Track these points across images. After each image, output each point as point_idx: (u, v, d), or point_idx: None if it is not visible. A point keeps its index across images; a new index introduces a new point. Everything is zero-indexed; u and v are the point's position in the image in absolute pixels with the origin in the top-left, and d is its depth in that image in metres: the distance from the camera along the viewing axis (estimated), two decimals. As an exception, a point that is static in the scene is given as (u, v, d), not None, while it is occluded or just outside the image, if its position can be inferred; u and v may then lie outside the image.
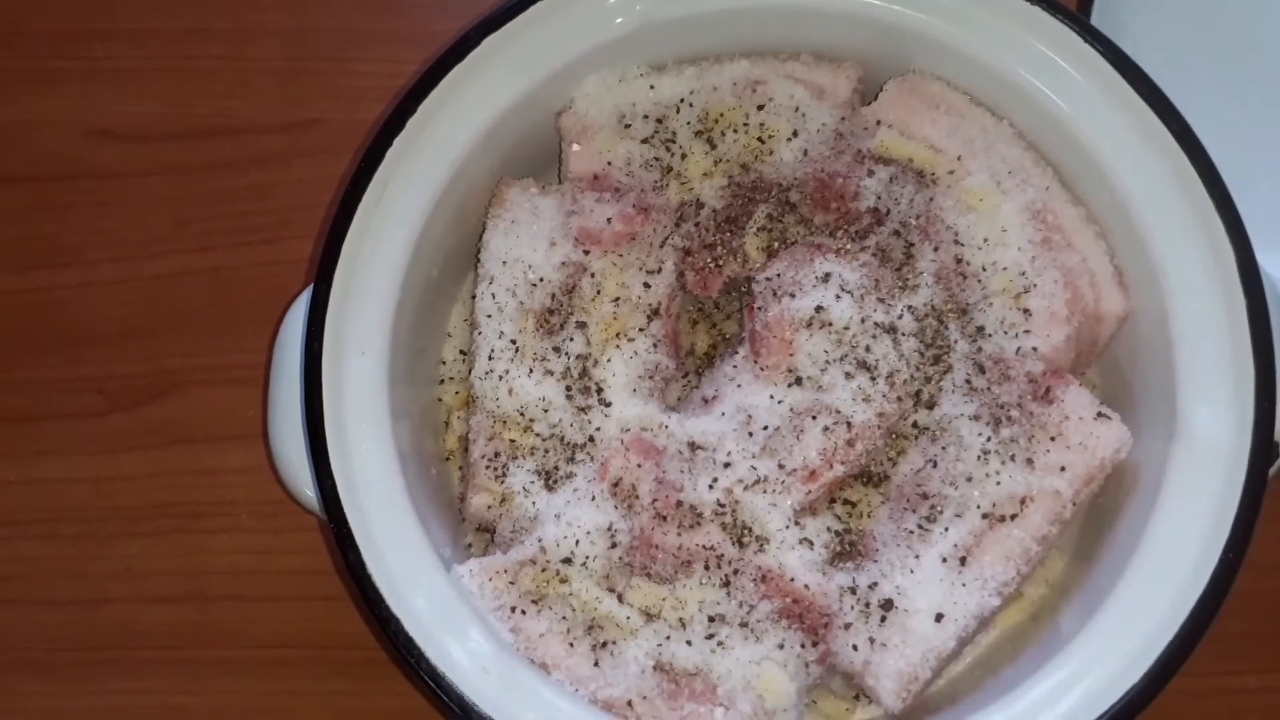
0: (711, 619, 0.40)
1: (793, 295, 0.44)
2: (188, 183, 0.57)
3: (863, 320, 0.43)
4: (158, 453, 0.53)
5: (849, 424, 0.42)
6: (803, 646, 0.40)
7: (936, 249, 0.45)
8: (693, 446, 0.43)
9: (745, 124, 0.47)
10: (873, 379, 0.43)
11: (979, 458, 0.42)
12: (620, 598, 0.41)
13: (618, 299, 0.45)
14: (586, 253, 0.45)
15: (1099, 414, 0.42)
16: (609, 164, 0.46)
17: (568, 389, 0.44)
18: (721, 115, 0.47)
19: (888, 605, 0.41)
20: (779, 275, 0.45)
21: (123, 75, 0.58)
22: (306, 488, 0.42)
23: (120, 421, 0.53)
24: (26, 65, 0.59)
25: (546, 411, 0.44)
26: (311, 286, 0.42)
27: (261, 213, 0.56)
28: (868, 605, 0.41)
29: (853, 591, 0.41)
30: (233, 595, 0.51)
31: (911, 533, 0.42)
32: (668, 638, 0.40)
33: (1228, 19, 0.55)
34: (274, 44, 0.58)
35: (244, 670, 0.51)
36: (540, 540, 0.41)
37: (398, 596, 0.39)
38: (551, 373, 0.44)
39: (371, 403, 0.42)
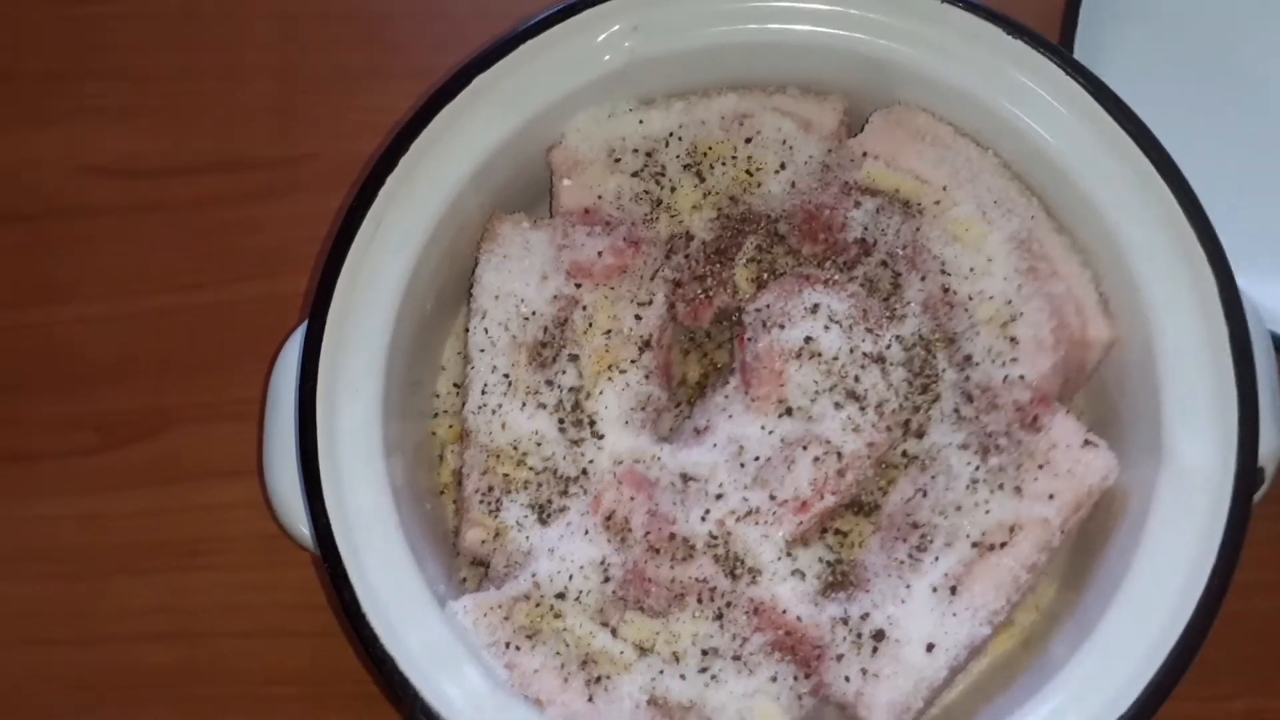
0: (705, 652, 0.41)
1: (782, 326, 0.44)
2: (181, 219, 0.57)
3: (851, 350, 0.44)
4: (152, 490, 0.53)
5: (839, 454, 0.43)
6: (795, 679, 0.40)
7: (923, 279, 0.45)
8: (685, 478, 0.43)
9: (733, 157, 0.47)
10: (862, 409, 0.43)
11: (968, 486, 0.42)
12: (614, 632, 0.41)
13: (609, 331, 0.45)
14: (578, 286, 0.46)
15: (1086, 441, 0.43)
16: (599, 198, 0.47)
17: (560, 422, 0.44)
18: (710, 149, 0.47)
19: (879, 636, 0.41)
20: (768, 306, 0.45)
21: (115, 113, 0.58)
22: (301, 524, 0.43)
23: (115, 459, 0.53)
24: (18, 104, 0.59)
25: (539, 445, 0.44)
26: (305, 323, 0.42)
27: (255, 248, 0.56)
28: (859, 636, 0.41)
29: (845, 622, 0.41)
30: (228, 632, 0.51)
31: (902, 562, 0.42)
32: (661, 672, 0.40)
33: (1209, 48, 0.56)
34: (266, 80, 0.59)
35: (240, 707, 0.50)
36: (534, 575, 0.42)
37: (393, 635, 0.39)
38: (544, 406, 0.44)
39: (365, 439, 0.42)
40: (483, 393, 0.45)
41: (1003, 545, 0.42)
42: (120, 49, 0.60)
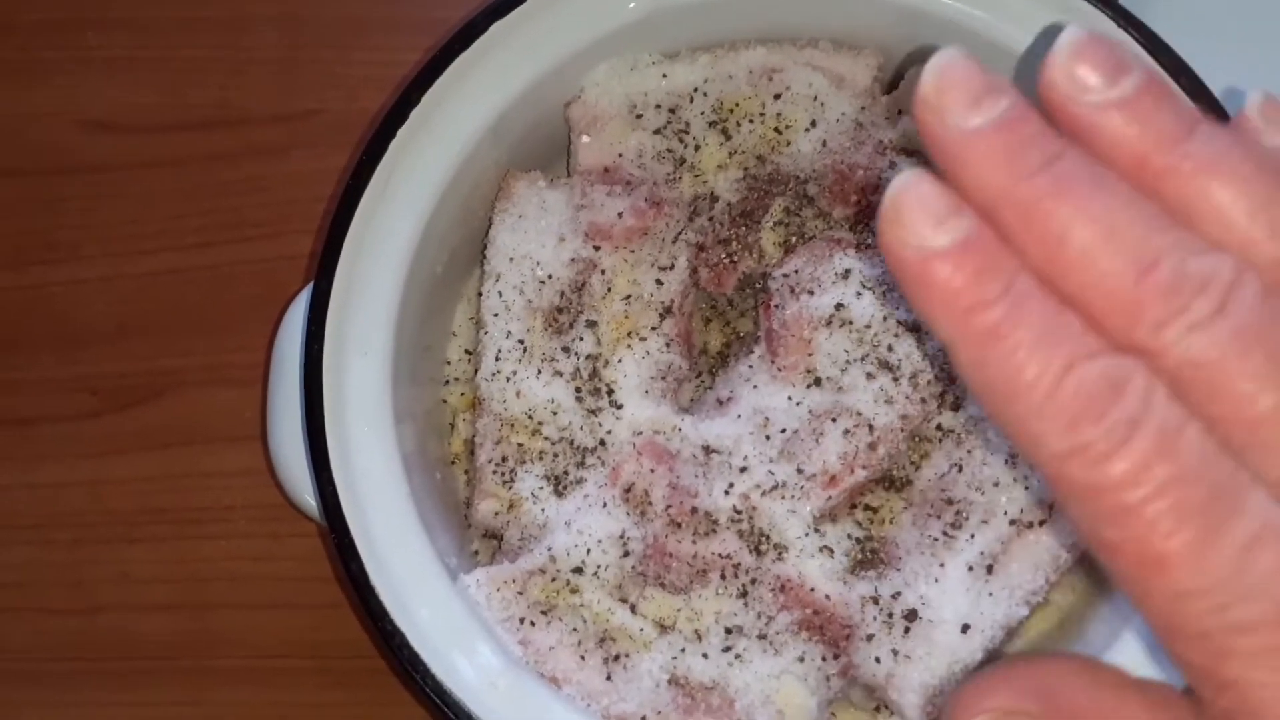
0: (728, 630, 0.39)
1: (811, 292, 0.42)
2: (184, 176, 0.55)
3: (885, 318, 0.42)
4: (154, 455, 0.51)
5: (870, 426, 0.41)
6: (823, 659, 0.39)
7: (961, 243, 0.43)
8: (707, 450, 0.41)
9: (761, 114, 0.45)
10: (895, 380, 0.41)
11: (1006, 462, 0.40)
12: (633, 608, 0.39)
13: (629, 296, 0.43)
14: (597, 248, 0.44)
15: (1131, 415, 0.41)
16: (620, 156, 0.45)
17: (577, 390, 0.42)
18: (737, 105, 0.45)
19: (911, 616, 0.39)
20: (797, 271, 0.43)
21: (116, 66, 0.57)
22: (306, 494, 0.41)
23: (115, 423, 0.52)
24: (17, 56, 0.57)
25: (555, 414, 0.42)
26: (311, 284, 0.41)
27: (260, 206, 0.54)
28: (891, 616, 0.39)
29: (875, 601, 0.39)
30: (232, 603, 0.50)
31: (936, 540, 0.40)
32: (683, 650, 0.39)
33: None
34: (271, 32, 0.57)
35: (244, 680, 0.49)
36: (550, 548, 0.40)
37: (402, 609, 0.37)
38: (560, 374, 0.43)
39: (374, 405, 0.40)
40: (496, 359, 0.43)
41: (1042, 523, 0.40)
42: (122, -1, 0.58)
